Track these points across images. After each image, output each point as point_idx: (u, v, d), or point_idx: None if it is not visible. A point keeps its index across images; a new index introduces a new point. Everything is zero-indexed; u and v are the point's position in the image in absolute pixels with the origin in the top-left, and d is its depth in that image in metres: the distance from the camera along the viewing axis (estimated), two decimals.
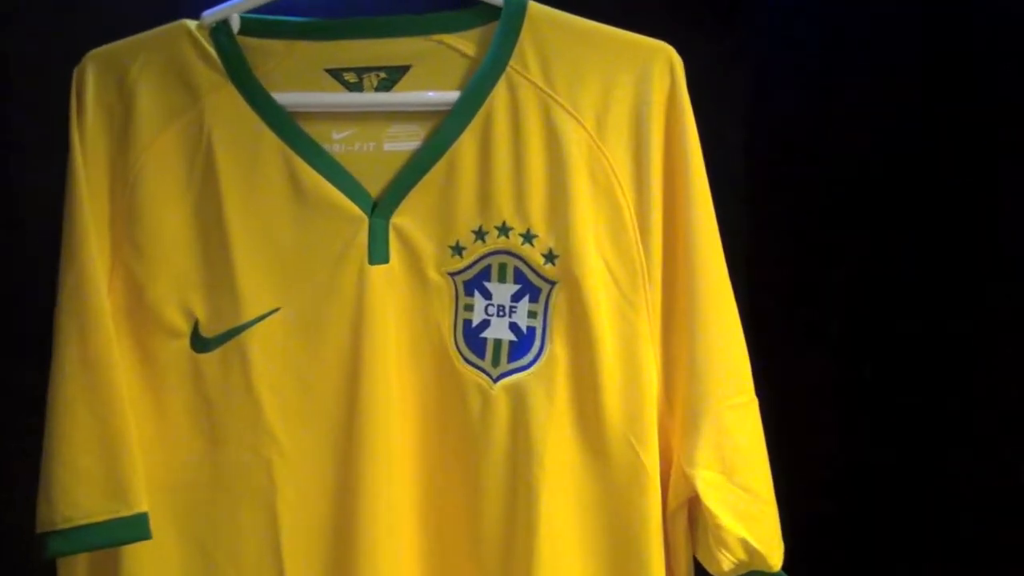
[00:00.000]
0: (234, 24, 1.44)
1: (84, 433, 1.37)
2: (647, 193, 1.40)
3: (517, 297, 1.42)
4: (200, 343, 1.41)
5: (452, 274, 1.42)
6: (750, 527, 1.39)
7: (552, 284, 1.41)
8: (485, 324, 1.43)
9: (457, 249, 1.42)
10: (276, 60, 1.45)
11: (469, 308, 1.43)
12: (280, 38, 1.45)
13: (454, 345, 1.42)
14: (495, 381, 1.41)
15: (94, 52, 1.43)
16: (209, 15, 1.43)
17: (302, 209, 1.42)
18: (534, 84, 1.41)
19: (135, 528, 1.37)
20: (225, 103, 1.42)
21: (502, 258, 1.42)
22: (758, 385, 1.45)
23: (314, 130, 1.43)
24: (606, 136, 1.41)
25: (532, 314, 1.42)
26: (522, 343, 1.42)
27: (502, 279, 1.42)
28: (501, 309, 1.42)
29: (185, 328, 1.41)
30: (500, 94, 1.42)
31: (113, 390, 1.38)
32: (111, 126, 1.42)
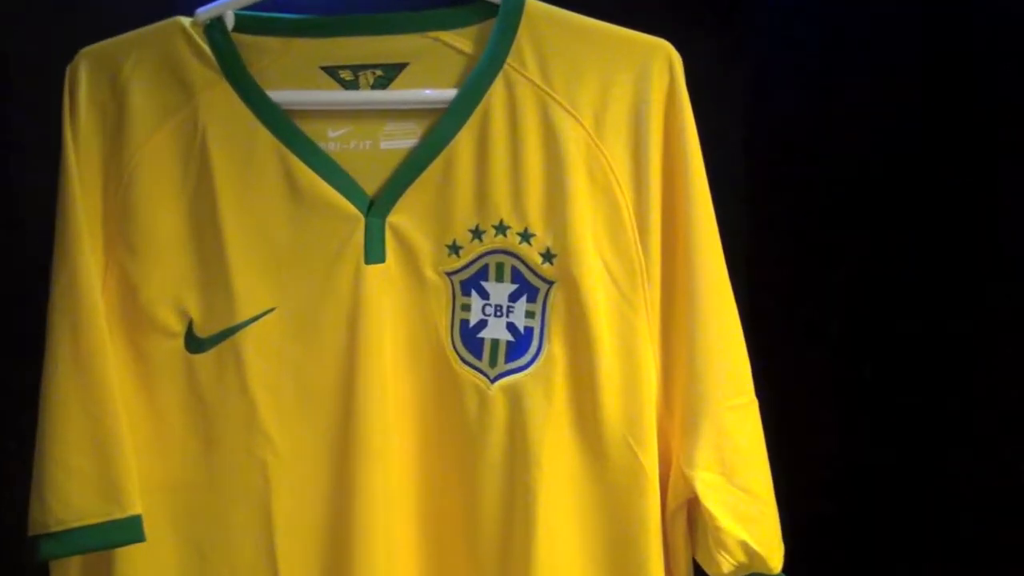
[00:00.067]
0: (228, 21, 1.41)
1: (77, 434, 1.34)
2: (646, 192, 1.38)
3: (515, 297, 1.39)
4: (194, 343, 1.39)
5: (449, 273, 1.39)
6: (750, 529, 1.37)
7: (550, 284, 1.38)
8: (482, 324, 1.40)
9: (454, 248, 1.39)
10: (271, 57, 1.42)
11: (466, 308, 1.40)
12: (275, 35, 1.43)
13: (451, 345, 1.39)
14: (492, 382, 1.38)
15: (87, 50, 1.41)
16: (203, 12, 1.40)
17: (298, 208, 1.39)
18: (532, 82, 1.38)
19: (129, 530, 1.34)
20: (220, 101, 1.39)
21: (499, 257, 1.39)
22: (758, 385, 1.43)
23: (310, 128, 1.40)
24: (604, 134, 1.38)
25: (530, 314, 1.39)
26: (520, 343, 1.39)
27: (499, 278, 1.39)
28: (499, 309, 1.39)
29: (179, 328, 1.39)
30: (497, 92, 1.39)
31: (106, 390, 1.35)
32: (104, 124, 1.39)
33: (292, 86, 1.41)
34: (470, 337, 1.39)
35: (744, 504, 1.38)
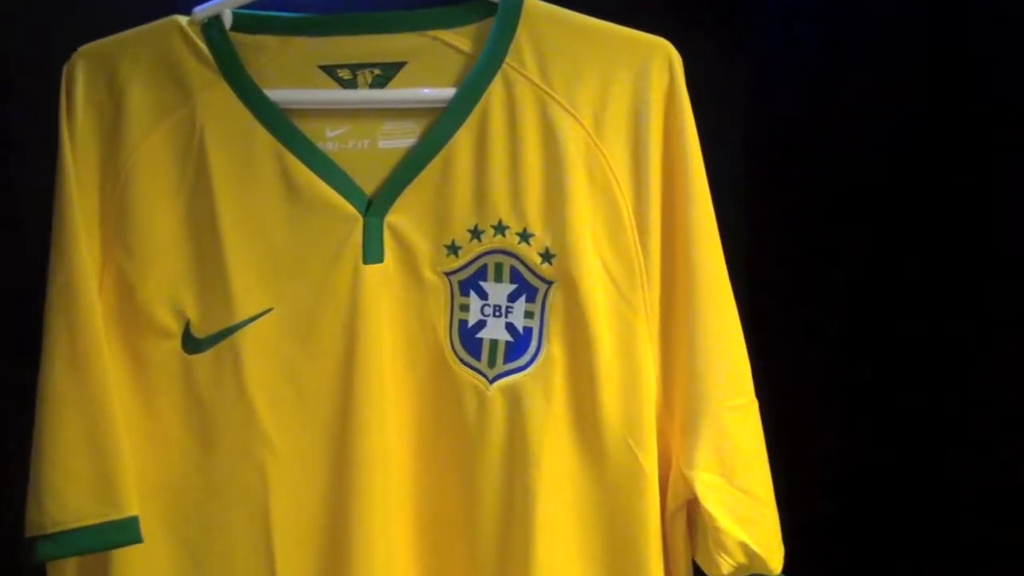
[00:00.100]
0: (226, 20, 1.39)
1: (73, 435, 1.32)
2: (645, 191, 1.36)
3: (514, 297, 1.37)
4: (191, 344, 1.36)
5: (448, 273, 1.37)
6: (750, 530, 1.35)
7: (549, 284, 1.36)
8: (481, 324, 1.38)
9: (453, 248, 1.37)
10: (269, 56, 1.40)
11: (465, 308, 1.38)
12: (273, 34, 1.41)
13: (449, 346, 1.37)
14: (491, 382, 1.36)
15: (84, 48, 1.39)
16: (201, 11, 1.38)
17: (296, 208, 1.37)
18: (531, 81, 1.37)
19: (126, 532, 1.32)
20: (217, 100, 1.37)
21: (498, 257, 1.37)
22: (758, 385, 1.41)
23: (308, 127, 1.38)
24: (604, 133, 1.36)
25: (529, 314, 1.37)
26: (519, 344, 1.37)
27: (498, 279, 1.37)
28: (497, 309, 1.37)
29: (176, 328, 1.36)
30: (496, 91, 1.37)
31: (103, 391, 1.33)
32: (101, 124, 1.37)
33: (290, 85, 1.39)
34: (469, 337, 1.37)
35: (744, 505, 1.36)
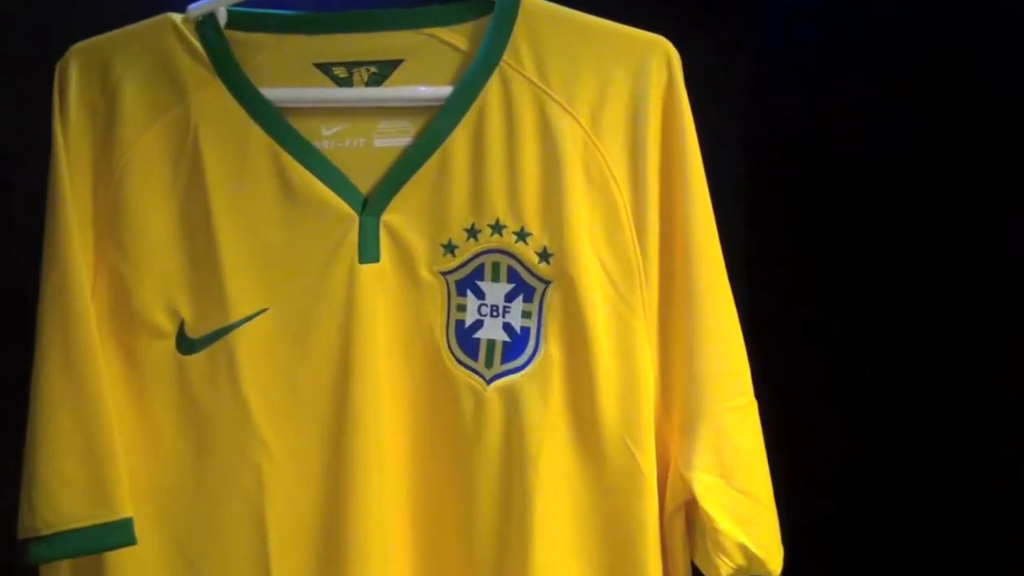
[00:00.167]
0: (221, 17, 1.35)
1: (67, 436, 1.28)
2: (643, 190, 1.32)
3: (511, 297, 1.34)
4: (186, 344, 1.33)
5: (444, 273, 1.34)
6: (749, 532, 1.31)
7: (547, 283, 1.33)
8: (478, 324, 1.34)
9: (449, 247, 1.33)
10: (264, 54, 1.36)
11: (462, 308, 1.34)
12: (268, 32, 1.37)
13: (446, 346, 1.34)
14: (488, 383, 1.32)
15: (77, 47, 1.35)
16: (195, 8, 1.35)
17: (291, 207, 1.33)
18: (528, 79, 1.33)
19: (119, 534, 1.28)
20: (212, 99, 1.34)
21: (495, 257, 1.33)
22: (758, 385, 1.38)
23: (303, 126, 1.35)
24: (601, 132, 1.32)
25: (526, 314, 1.33)
26: (516, 344, 1.33)
27: (495, 278, 1.34)
28: (494, 309, 1.34)
29: (170, 329, 1.33)
30: (493, 89, 1.33)
31: (96, 392, 1.29)
32: (95, 123, 1.33)
33: (285, 83, 1.36)
34: (466, 337, 1.33)
35: (743, 506, 1.32)
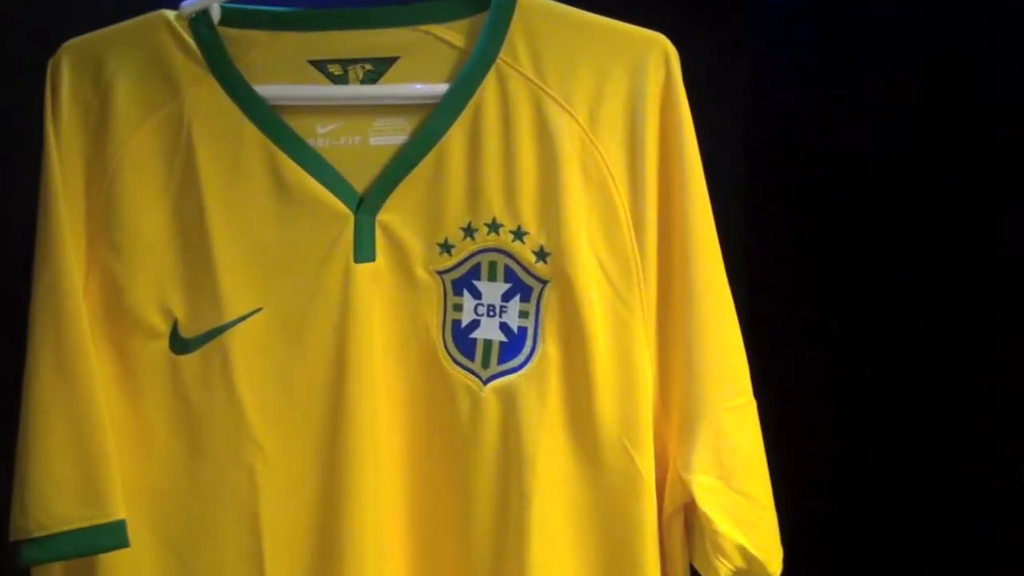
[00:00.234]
0: (214, 14, 1.31)
1: (59, 437, 1.24)
2: (641, 188, 1.28)
3: (508, 296, 1.30)
4: (179, 344, 1.29)
5: (440, 272, 1.30)
6: (748, 533, 1.28)
7: (544, 283, 1.29)
8: (475, 324, 1.30)
9: (446, 247, 1.29)
10: (258, 51, 1.32)
11: (458, 308, 1.30)
12: (262, 28, 1.33)
13: (443, 346, 1.30)
14: (485, 383, 1.29)
15: (69, 43, 1.32)
16: (188, 5, 1.31)
17: (285, 206, 1.29)
18: (525, 76, 1.29)
19: (112, 536, 1.24)
20: (205, 96, 1.30)
21: (492, 256, 1.29)
22: (757, 385, 1.34)
23: (298, 124, 1.31)
24: (599, 130, 1.28)
25: (523, 314, 1.29)
26: (513, 344, 1.29)
27: (492, 278, 1.30)
28: (491, 309, 1.30)
29: (164, 328, 1.29)
30: (490, 87, 1.29)
31: (89, 393, 1.25)
32: (87, 120, 1.29)
33: (279, 81, 1.31)
34: (462, 337, 1.30)
35: (742, 508, 1.29)
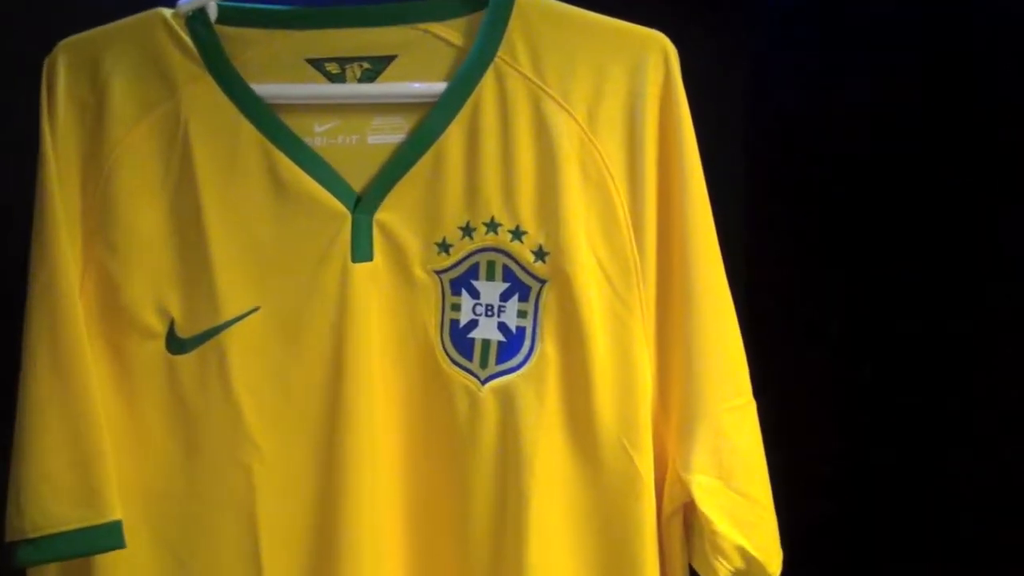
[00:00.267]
0: (211, 12, 1.29)
1: (55, 438, 1.22)
2: (641, 187, 1.26)
3: (506, 296, 1.27)
4: (176, 344, 1.26)
5: (438, 272, 1.28)
6: (748, 534, 1.26)
7: (542, 282, 1.26)
8: (473, 324, 1.28)
9: (444, 246, 1.27)
10: (255, 50, 1.30)
11: (456, 307, 1.28)
12: (259, 27, 1.30)
13: (440, 346, 1.28)
14: (483, 383, 1.26)
15: (65, 42, 1.29)
16: (185, 3, 1.28)
17: (283, 205, 1.27)
18: (523, 75, 1.27)
19: (108, 537, 1.22)
20: (202, 94, 1.27)
21: (490, 255, 1.27)
22: (757, 385, 1.32)
23: (295, 123, 1.28)
24: (598, 129, 1.26)
25: (522, 313, 1.27)
26: (511, 344, 1.27)
27: (490, 277, 1.27)
28: (489, 308, 1.28)
29: (160, 328, 1.26)
30: (488, 85, 1.27)
31: (85, 393, 1.23)
32: (83, 119, 1.27)
33: (277, 79, 1.29)
34: (460, 337, 1.27)
35: (742, 509, 1.26)
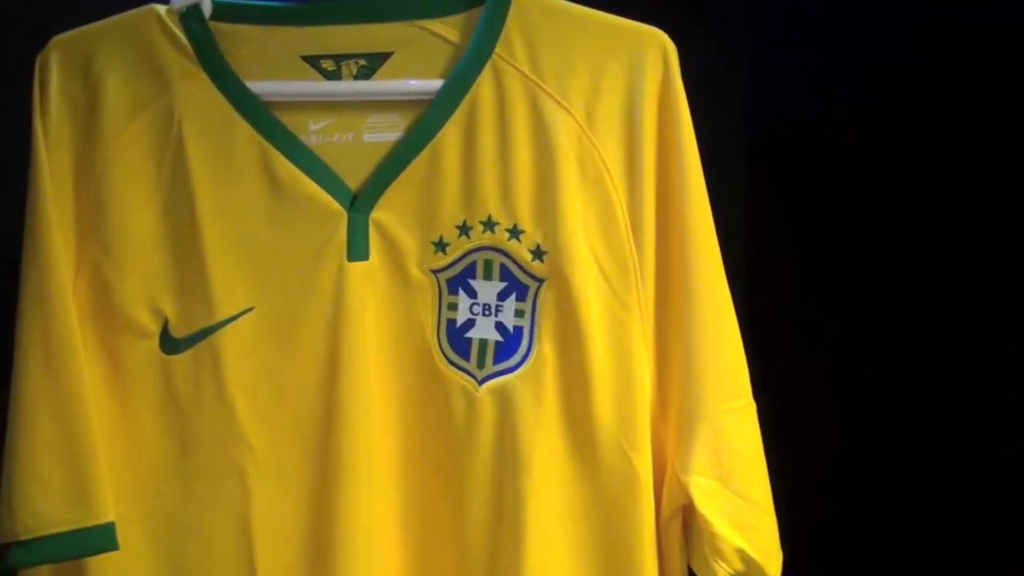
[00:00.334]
0: (206, 8, 1.25)
1: (47, 439, 1.18)
2: (639, 186, 1.22)
3: (503, 295, 1.23)
4: (170, 344, 1.22)
5: (435, 271, 1.24)
6: (747, 536, 1.22)
7: (540, 282, 1.22)
8: (470, 324, 1.24)
9: (440, 245, 1.23)
10: (250, 47, 1.26)
11: (453, 307, 1.24)
12: (254, 23, 1.26)
13: (437, 346, 1.23)
14: (480, 383, 1.22)
15: (58, 38, 1.25)
16: None
17: (278, 203, 1.23)
18: (521, 72, 1.23)
19: (101, 538, 1.18)
20: (196, 91, 1.23)
21: (488, 254, 1.23)
22: (757, 386, 1.28)
23: (290, 120, 1.24)
24: (596, 126, 1.22)
25: (519, 313, 1.23)
26: (509, 344, 1.23)
27: (488, 276, 1.23)
28: (487, 308, 1.23)
29: (154, 328, 1.22)
30: (485, 82, 1.23)
31: (78, 394, 1.19)
32: (76, 117, 1.23)
33: (272, 76, 1.25)
34: (457, 337, 1.23)
35: (741, 510, 1.23)
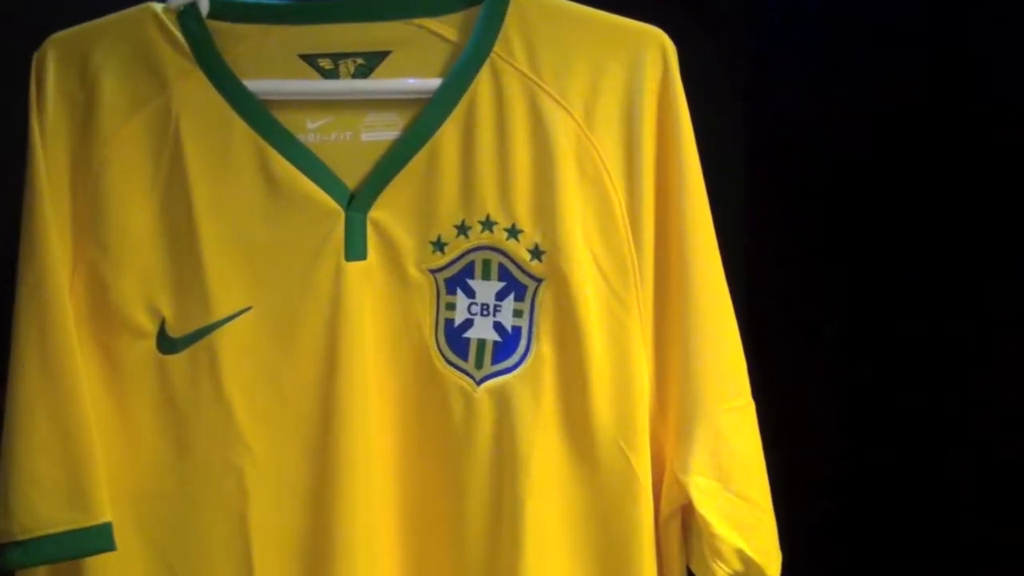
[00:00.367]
0: (203, 7, 1.23)
1: (44, 439, 1.16)
2: (638, 185, 1.20)
3: (502, 295, 1.21)
4: (167, 344, 1.20)
5: (433, 271, 1.22)
6: (747, 536, 1.20)
7: (539, 281, 1.20)
8: (468, 324, 1.22)
9: (438, 245, 1.21)
10: (247, 45, 1.24)
11: (451, 307, 1.22)
12: (252, 22, 1.24)
13: (435, 346, 1.21)
14: (478, 383, 1.20)
15: (55, 37, 1.23)
16: None
17: (275, 202, 1.21)
18: (519, 71, 1.21)
19: (98, 539, 1.16)
20: (193, 90, 1.21)
21: (486, 254, 1.21)
22: (757, 386, 1.27)
23: (287, 119, 1.22)
24: (595, 125, 1.20)
25: (518, 313, 1.21)
26: (507, 343, 1.21)
27: (486, 276, 1.21)
28: (485, 308, 1.21)
29: (151, 328, 1.20)
30: (484, 81, 1.21)
31: (75, 394, 1.17)
32: (73, 116, 1.21)
33: (269, 75, 1.23)
34: (455, 337, 1.21)
35: (741, 511, 1.21)
